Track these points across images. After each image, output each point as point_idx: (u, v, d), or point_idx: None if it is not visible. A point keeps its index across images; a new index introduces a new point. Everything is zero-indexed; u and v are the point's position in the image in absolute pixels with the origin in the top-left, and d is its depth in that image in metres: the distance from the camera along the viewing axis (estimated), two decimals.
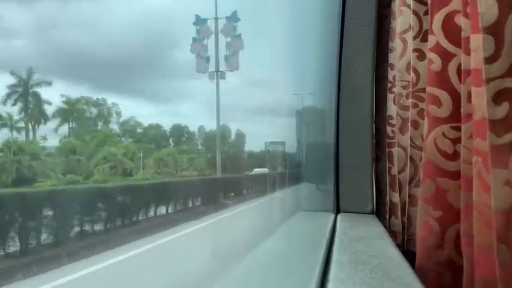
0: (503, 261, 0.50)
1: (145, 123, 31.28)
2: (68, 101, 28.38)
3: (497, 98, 0.50)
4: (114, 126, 30.47)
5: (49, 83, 25.05)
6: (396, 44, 1.00)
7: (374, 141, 1.17)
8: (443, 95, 0.70)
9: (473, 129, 0.58)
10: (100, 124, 29.99)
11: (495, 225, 0.50)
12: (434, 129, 0.72)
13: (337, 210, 1.15)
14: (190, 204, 12.52)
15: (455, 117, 0.68)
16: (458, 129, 0.67)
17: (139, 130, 31.55)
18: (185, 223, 10.13)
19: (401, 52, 0.97)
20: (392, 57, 1.10)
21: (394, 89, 1.08)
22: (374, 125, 1.16)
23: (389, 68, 1.11)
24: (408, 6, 0.91)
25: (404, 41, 0.95)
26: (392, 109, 1.08)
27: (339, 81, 1.17)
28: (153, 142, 28.52)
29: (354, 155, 1.15)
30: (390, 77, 1.10)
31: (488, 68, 0.50)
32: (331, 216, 1.10)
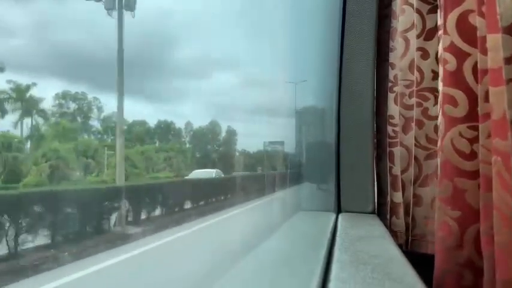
0: None
1: (130, 120, 27.15)
2: (17, 88, 22.01)
3: None
4: (95, 123, 27.25)
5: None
6: (398, 43, 1.00)
7: (375, 140, 1.17)
8: (459, 95, 0.70)
9: (491, 129, 0.58)
10: (79, 120, 26.51)
11: None
12: (451, 129, 0.71)
13: (339, 210, 1.15)
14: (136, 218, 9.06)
15: (472, 116, 0.68)
16: (475, 128, 0.66)
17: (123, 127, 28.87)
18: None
19: (403, 51, 0.96)
20: (393, 57, 1.09)
21: (395, 89, 1.07)
22: (375, 125, 1.16)
23: (390, 67, 1.11)
24: (411, 4, 0.91)
25: (406, 40, 0.95)
26: (393, 108, 1.08)
27: (340, 81, 1.16)
28: (137, 140, 25.95)
29: (354, 155, 1.15)
30: (391, 77, 1.10)
31: (508, 68, 0.50)
32: (332, 216, 1.10)
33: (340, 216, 1.08)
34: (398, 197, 1.04)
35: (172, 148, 23.75)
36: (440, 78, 0.77)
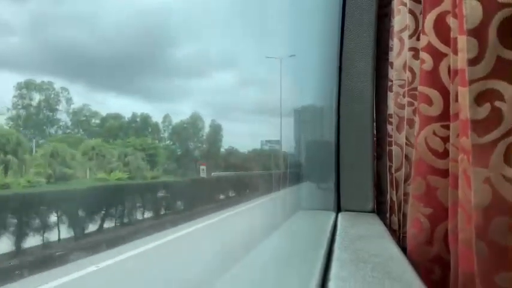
0: (480, 257, 0.52)
1: (104, 113, 23.60)
2: None
3: (479, 99, 0.51)
4: (63, 116, 22.96)
5: None
6: (394, 43, 1.01)
7: (375, 139, 1.17)
8: (434, 94, 0.72)
9: (459, 128, 0.59)
10: (44, 113, 22.19)
11: (474, 221, 0.52)
12: (425, 128, 0.73)
13: (338, 209, 1.15)
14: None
15: (445, 116, 0.69)
16: (448, 127, 0.68)
17: (95, 121, 23.79)
18: None
19: (398, 51, 0.97)
20: (392, 56, 1.10)
21: (393, 88, 1.08)
22: (375, 124, 1.16)
23: (389, 66, 1.11)
24: (405, 5, 0.91)
25: (401, 40, 0.96)
26: (392, 108, 1.08)
27: (340, 80, 1.17)
28: (111, 135, 21.95)
29: (354, 154, 1.15)
30: (390, 76, 1.10)
31: (471, 70, 0.51)
32: (332, 215, 1.10)
33: (340, 215, 1.09)
34: (395, 195, 1.05)
35: (133, 144, 19.33)
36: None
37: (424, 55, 0.73)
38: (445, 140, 0.70)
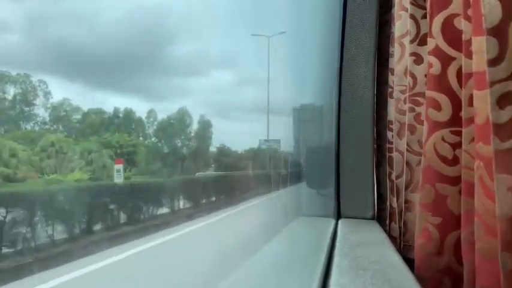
0: (506, 270, 0.49)
1: (85, 108, 21.18)
2: None
3: (501, 101, 0.49)
4: (41, 111, 20.70)
5: None
6: (395, 48, 1.01)
7: (375, 146, 1.17)
8: (443, 99, 0.70)
9: (475, 133, 0.57)
10: (19, 108, 20.17)
11: (499, 232, 0.49)
12: (434, 134, 0.71)
13: (338, 216, 1.15)
14: None
15: (455, 121, 0.67)
16: (458, 133, 0.66)
17: (76, 116, 21.29)
18: None
19: (399, 56, 0.97)
20: (393, 62, 1.10)
21: (394, 94, 1.08)
22: (375, 130, 1.16)
23: (390, 72, 1.11)
24: (406, 10, 0.91)
25: (402, 45, 0.96)
26: (392, 114, 1.08)
27: (340, 85, 1.17)
28: (93, 132, 19.57)
29: (355, 160, 1.15)
30: (391, 82, 1.10)
31: (492, 71, 0.49)
32: (332, 222, 1.10)
33: (340, 222, 1.08)
34: (395, 202, 1.04)
35: (109, 141, 17.04)
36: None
37: (431, 59, 0.72)
38: (455, 146, 0.68)
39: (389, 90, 1.10)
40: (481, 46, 0.51)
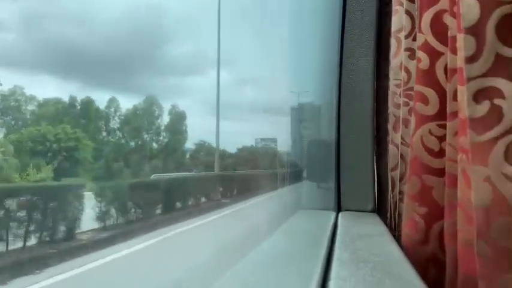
0: (482, 257, 0.51)
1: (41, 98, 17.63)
2: None
3: (477, 96, 0.51)
4: None
5: None
6: (392, 43, 1.01)
7: (375, 139, 1.17)
8: (431, 93, 0.71)
9: (458, 127, 0.59)
10: None
11: (475, 221, 0.51)
12: (421, 127, 0.73)
13: (339, 209, 1.15)
14: None
15: (441, 115, 0.69)
16: (444, 127, 0.67)
17: (29, 107, 17.80)
18: None
19: (395, 51, 0.98)
20: (391, 56, 1.10)
21: (390, 88, 1.08)
22: (375, 123, 1.16)
23: (389, 66, 1.11)
24: (402, 5, 0.92)
25: (398, 40, 0.96)
26: (390, 107, 1.08)
27: (340, 79, 1.16)
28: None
29: (355, 153, 1.15)
30: (390, 75, 1.10)
31: (469, 68, 0.51)
32: (332, 215, 1.10)
33: (340, 214, 1.08)
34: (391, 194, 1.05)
35: (44, 133, 13.99)
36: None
37: (420, 54, 0.73)
38: (441, 139, 0.70)
39: (389, 83, 1.10)
40: (462, 43, 0.53)
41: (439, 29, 0.70)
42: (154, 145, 17.99)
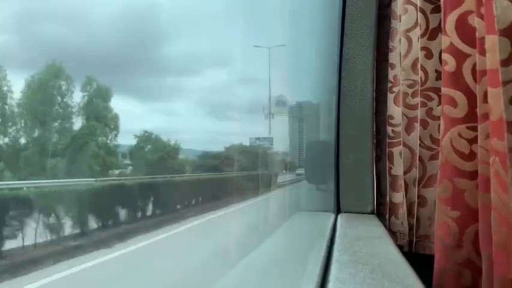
0: None
1: None
2: None
3: None
4: None
5: None
6: (399, 42, 1.00)
7: (374, 141, 1.17)
8: (459, 96, 0.71)
9: (490, 129, 0.58)
10: None
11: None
12: (450, 130, 0.72)
13: (338, 210, 1.15)
14: None
15: (471, 117, 0.68)
16: (475, 129, 0.67)
17: None
18: None
19: (406, 50, 0.96)
20: (393, 57, 1.10)
21: (394, 89, 1.08)
22: (374, 125, 1.16)
23: (389, 67, 1.11)
24: (413, 4, 0.91)
25: (409, 39, 0.95)
26: (393, 109, 1.08)
27: (340, 80, 1.17)
28: None
29: (354, 155, 1.15)
30: (391, 77, 1.10)
31: (504, 71, 0.50)
32: (332, 216, 1.10)
33: (339, 216, 1.08)
34: (397, 197, 1.04)
35: None
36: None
37: (446, 56, 0.72)
38: (471, 141, 0.69)
39: (389, 85, 1.10)
40: (494, 45, 0.52)
41: (464, 30, 0.69)
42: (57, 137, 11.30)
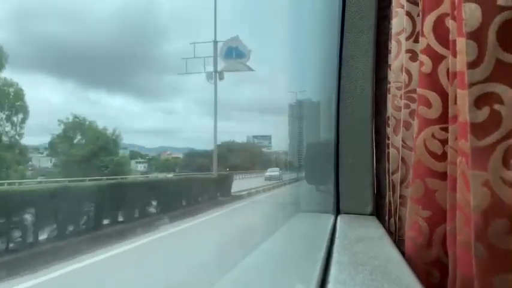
0: (479, 259, 0.52)
1: None
2: None
3: (478, 102, 0.52)
4: None
5: None
6: (392, 45, 1.01)
7: (374, 142, 1.17)
8: (433, 97, 0.72)
9: (458, 131, 0.59)
10: None
11: (472, 223, 0.52)
12: (424, 130, 0.73)
13: (337, 212, 1.15)
14: None
15: (444, 118, 0.69)
16: (447, 130, 0.68)
17: None
18: None
19: (396, 53, 0.98)
20: (391, 58, 1.10)
21: (391, 90, 1.08)
22: (374, 126, 1.17)
23: (388, 68, 1.11)
24: (403, 7, 0.92)
25: (399, 42, 0.97)
26: (390, 110, 1.08)
27: (339, 82, 1.17)
28: None
29: (354, 156, 1.15)
30: (390, 78, 1.10)
31: (470, 73, 0.52)
32: (331, 218, 1.10)
33: (339, 217, 1.09)
34: (392, 198, 1.05)
35: None
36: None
37: (423, 57, 0.73)
38: (444, 142, 0.70)
39: (388, 86, 1.11)
40: (463, 47, 0.53)
41: (441, 32, 0.70)
42: None
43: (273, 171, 23.30)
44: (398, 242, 0.94)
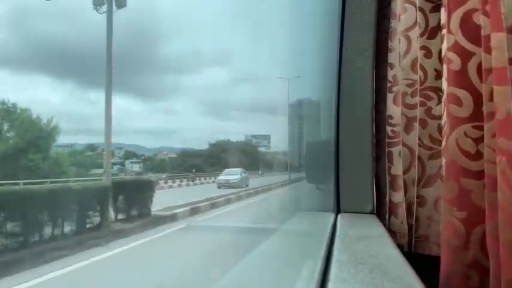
0: None
1: None
2: None
3: None
4: None
5: None
6: (398, 42, 1.00)
7: (374, 140, 1.17)
8: (464, 94, 0.70)
9: (496, 128, 0.57)
10: None
11: None
12: (456, 129, 0.70)
13: (338, 210, 1.15)
14: None
15: (476, 116, 0.67)
16: (481, 128, 0.66)
17: None
18: None
19: (405, 50, 0.96)
20: (392, 57, 1.10)
21: (394, 89, 1.08)
22: (374, 125, 1.17)
23: (389, 67, 1.11)
24: (413, 3, 0.91)
25: (408, 39, 0.95)
26: (392, 109, 1.08)
27: (339, 81, 1.17)
28: None
29: (354, 155, 1.15)
30: (390, 77, 1.10)
31: None
32: (332, 216, 1.10)
33: (339, 216, 1.09)
34: (397, 197, 1.04)
35: None
36: (444, 77, 0.76)
37: (451, 55, 0.71)
38: (477, 141, 0.68)
39: (389, 84, 1.10)
40: (501, 42, 0.51)
41: (469, 29, 0.68)
42: None
43: (231, 175, 16.47)
44: (415, 243, 0.93)
